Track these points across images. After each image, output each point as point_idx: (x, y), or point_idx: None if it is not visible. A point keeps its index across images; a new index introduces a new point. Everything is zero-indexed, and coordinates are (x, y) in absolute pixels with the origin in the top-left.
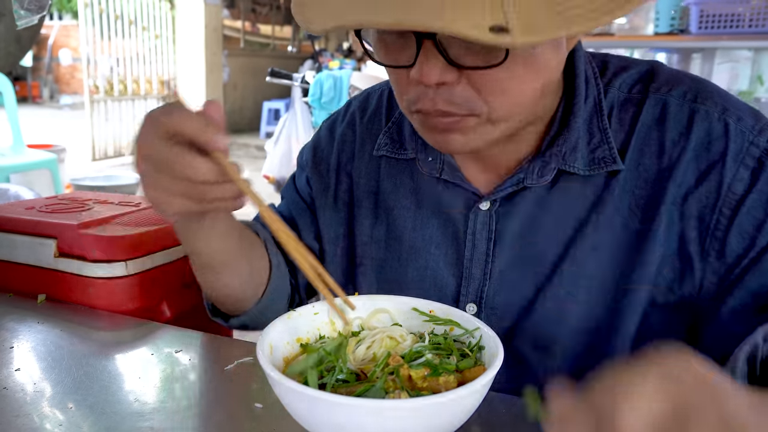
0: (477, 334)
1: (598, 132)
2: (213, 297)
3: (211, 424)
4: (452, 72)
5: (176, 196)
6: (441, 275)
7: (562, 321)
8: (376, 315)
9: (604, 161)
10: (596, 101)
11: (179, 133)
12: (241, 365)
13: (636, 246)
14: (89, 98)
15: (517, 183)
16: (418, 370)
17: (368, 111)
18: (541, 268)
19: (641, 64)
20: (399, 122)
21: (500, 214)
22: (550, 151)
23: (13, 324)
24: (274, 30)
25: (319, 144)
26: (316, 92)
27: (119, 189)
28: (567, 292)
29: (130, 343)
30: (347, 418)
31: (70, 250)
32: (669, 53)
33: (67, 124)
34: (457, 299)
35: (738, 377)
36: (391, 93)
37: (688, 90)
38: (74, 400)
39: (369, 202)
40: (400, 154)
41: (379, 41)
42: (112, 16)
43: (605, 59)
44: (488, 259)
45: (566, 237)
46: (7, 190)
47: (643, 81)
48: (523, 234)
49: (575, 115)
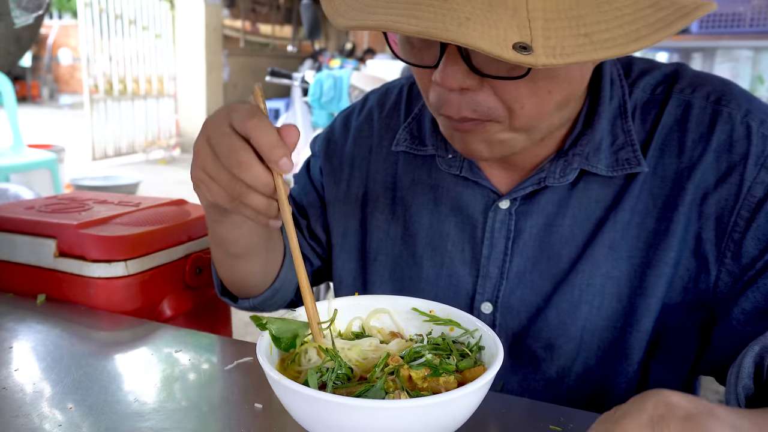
0: (477, 335)
1: (622, 133)
2: (227, 279)
3: (211, 424)
4: (474, 78)
5: (221, 187)
6: (457, 273)
7: (577, 320)
8: (376, 315)
9: (628, 162)
10: (621, 103)
11: (253, 138)
12: (241, 365)
13: (653, 245)
14: (89, 98)
15: (538, 182)
16: (418, 370)
17: (387, 106)
18: (557, 268)
19: (666, 66)
20: (419, 118)
21: (519, 213)
22: (573, 151)
23: (12, 324)
24: (274, 30)
25: (332, 135)
26: (316, 92)
27: (119, 189)
28: (582, 292)
29: (130, 343)
30: (347, 419)
31: (70, 250)
32: (669, 53)
33: (67, 124)
34: (473, 297)
35: (743, 378)
36: (411, 88)
37: (712, 91)
38: (74, 400)
39: (385, 197)
40: (419, 150)
41: (404, 38)
42: (111, 15)
43: (630, 61)
44: (506, 258)
45: (584, 236)
46: (7, 190)
47: (666, 82)
48: (541, 233)
49: (600, 116)
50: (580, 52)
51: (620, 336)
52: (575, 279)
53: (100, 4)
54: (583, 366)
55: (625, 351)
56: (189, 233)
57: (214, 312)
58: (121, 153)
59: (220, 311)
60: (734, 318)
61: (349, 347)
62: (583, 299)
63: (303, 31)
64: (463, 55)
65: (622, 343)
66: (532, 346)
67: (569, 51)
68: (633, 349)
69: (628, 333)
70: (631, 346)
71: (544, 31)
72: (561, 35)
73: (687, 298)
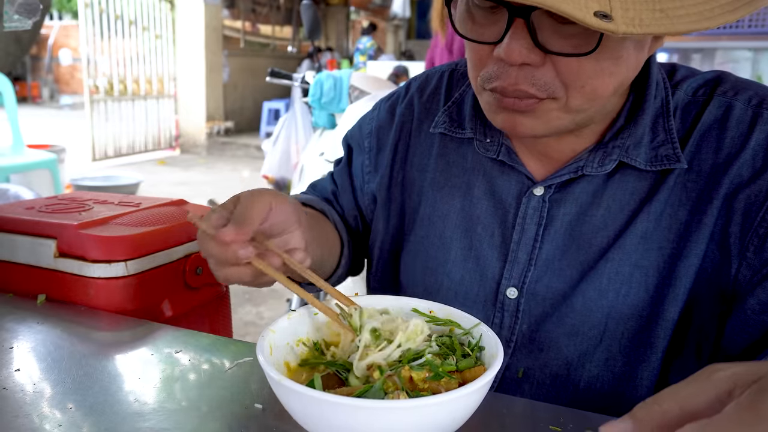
0: (477, 334)
1: (663, 131)
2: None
3: (211, 424)
4: (538, 54)
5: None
6: (485, 256)
7: (602, 308)
8: (375, 315)
9: (667, 159)
10: (664, 102)
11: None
12: (241, 365)
13: (684, 237)
14: (89, 98)
15: (575, 171)
16: (419, 372)
17: (427, 90)
18: (587, 257)
19: (709, 72)
20: (459, 102)
21: (553, 201)
22: (613, 143)
23: (12, 324)
24: (274, 30)
25: (381, 128)
26: (316, 92)
27: (119, 189)
28: (611, 280)
29: (130, 344)
30: (347, 419)
31: (70, 250)
32: (669, 53)
33: (67, 124)
34: (499, 282)
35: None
36: (452, 74)
37: (754, 95)
38: (74, 400)
39: (420, 178)
40: (457, 132)
41: (466, 13)
42: (112, 16)
43: (674, 67)
44: (536, 245)
45: (617, 227)
46: (7, 190)
47: (708, 85)
48: (573, 222)
49: (644, 113)
50: (657, 25)
51: (646, 325)
52: (604, 267)
53: (100, 4)
54: (606, 353)
55: (649, 340)
56: (189, 233)
57: (214, 312)
58: (121, 153)
59: (220, 311)
60: (749, 308)
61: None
62: (610, 287)
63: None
64: (530, 29)
65: (648, 332)
66: (554, 332)
67: (647, 22)
68: (658, 338)
69: (654, 322)
70: (656, 335)
71: (622, 3)
72: (638, 8)
73: (710, 290)
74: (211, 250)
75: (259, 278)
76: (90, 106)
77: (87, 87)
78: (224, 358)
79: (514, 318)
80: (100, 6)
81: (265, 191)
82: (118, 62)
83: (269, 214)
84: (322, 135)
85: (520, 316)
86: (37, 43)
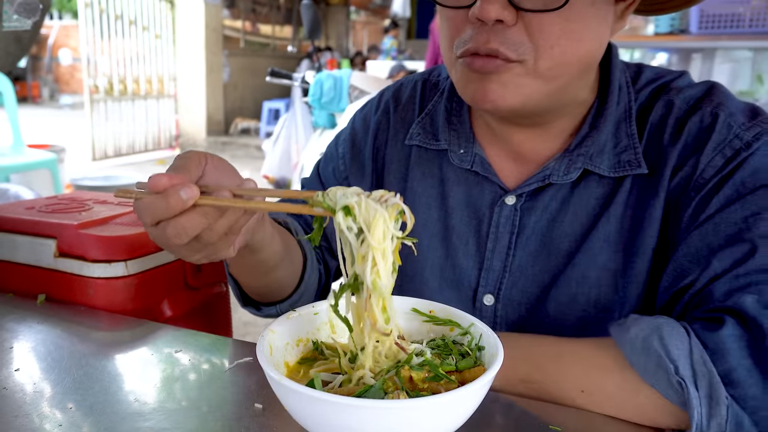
0: (476, 334)
1: (625, 137)
2: (255, 291)
3: (211, 424)
4: (511, 12)
5: (193, 254)
6: (461, 265)
7: (573, 307)
8: (348, 194)
9: (629, 164)
10: (627, 108)
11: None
12: (241, 365)
13: (638, 234)
14: (89, 98)
15: (543, 179)
16: (419, 372)
17: (402, 100)
18: (556, 261)
19: (673, 73)
20: (432, 113)
21: (524, 210)
22: (578, 151)
23: (13, 324)
24: (274, 30)
25: (356, 136)
26: (316, 92)
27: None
28: (579, 284)
29: (130, 344)
30: (347, 419)
31: (70, 250)
32: (669, 53)
33: (67, 124)
34: (476, 289)
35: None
36: (425, 84)
37: (694, 94)
38: (74, 400)
39: (398, 189)
40: (431, 144)
41: None
42: (112, 16)
43: (640, 69)
44: (509, 252)
45: (582, 231)
46: (7, 190)
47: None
48: (543, 229)
49: (605, 119)
50: None
51: (611, 314)
52: (572, 272)
53: (100, 4)
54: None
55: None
56: None
57: (214, 312)
58: (121, 153)
59: (220, 311)
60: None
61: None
62: (579, 291)
63: (303, 31)
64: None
65: (613, 319)
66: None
67: None
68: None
69: (619, 309)
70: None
71: None
72: None
73: (660, 266)
74: (151, 204)
75: (212, 226)
76: (90, 106)
77: (87, 87)
78: (224, 358)
79: (492, 324)
80: (100, 6)
81: (201, 151)
82: (118, 62)
83: (205, 168)
84: (322, 135)
85: (498, 321)
86: (37, 43)
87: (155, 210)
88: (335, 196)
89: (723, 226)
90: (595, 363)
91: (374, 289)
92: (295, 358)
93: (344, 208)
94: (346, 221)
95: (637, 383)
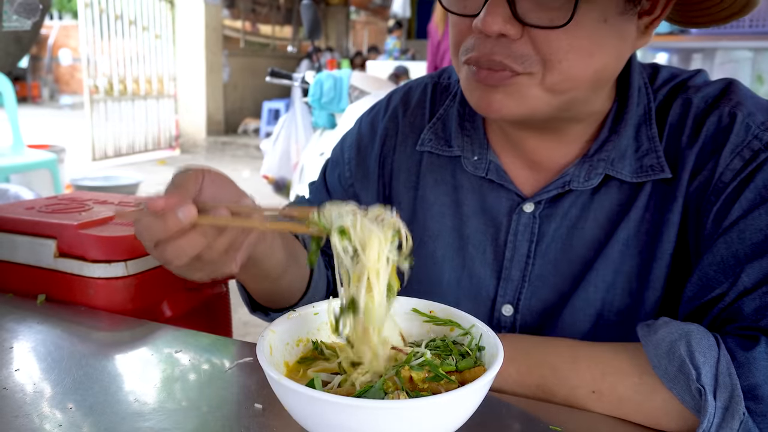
0: (477, 334)
1: (646, 140)
2: (264, 297)
3: (211, 424)
4: (515, 26)
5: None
6: (478, 275)
7: (589, 312)
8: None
9: (652, 169)
10: (646, 110)
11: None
12: (241, 365)
13: (657, 238)
14: (89, 98)
15: (562, 186)
16: (419, 372)
17: (411, 104)
18: (576, 269)
19: (689, 72)
20: (444, 118)
21: (543, 217)
22: (598, 156)
23: (13, 324)
24: (274, 30)
25: (362, 140)
26: (316, 92)
27: (119, 189)
28: (596, 289)
29: (130, 344)
30: (347, 419)
31: (70, 250)
32: (669, 53)
33: (67, 124)
34: (494, 300)
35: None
36: (435, 87)
37: (712, 92)
38: (74, 400)
39: (408, 197)
40: (444, 150)
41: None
42: (112, 16)
43: (656, 69)
44: (528, 261)
45: (602, 237)
46: (7, 190)
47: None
48: (564, 236)
49: (626, 123)
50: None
51: (632, 329)
52: (590, 278)
53: (100, 4)
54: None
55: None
56: None
57: (214, 312)
58: (121, 153)
59: (220, 311)
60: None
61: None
62: (597, 296)
63: (303, 31)
64: (509, 1)
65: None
66: None
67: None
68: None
69: (637, 317)
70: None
71: None
72: None
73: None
74: (149, 226)
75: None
76: (90, 106)
77: (87, 87)
78: (224, 358)
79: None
80: (100, 6)
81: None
82: (118, 62)
83: (203, 183)
84: (322, 135)
85: (516, 331)
86: (37, 43)
87: (153, 232)
88: (331, 216)
89: (748, 233)
90: (611, 366)
91: (366, 316)
92: (295, 358)
93: (339, 229)
94: (342, 243)
95: (652, 387)
